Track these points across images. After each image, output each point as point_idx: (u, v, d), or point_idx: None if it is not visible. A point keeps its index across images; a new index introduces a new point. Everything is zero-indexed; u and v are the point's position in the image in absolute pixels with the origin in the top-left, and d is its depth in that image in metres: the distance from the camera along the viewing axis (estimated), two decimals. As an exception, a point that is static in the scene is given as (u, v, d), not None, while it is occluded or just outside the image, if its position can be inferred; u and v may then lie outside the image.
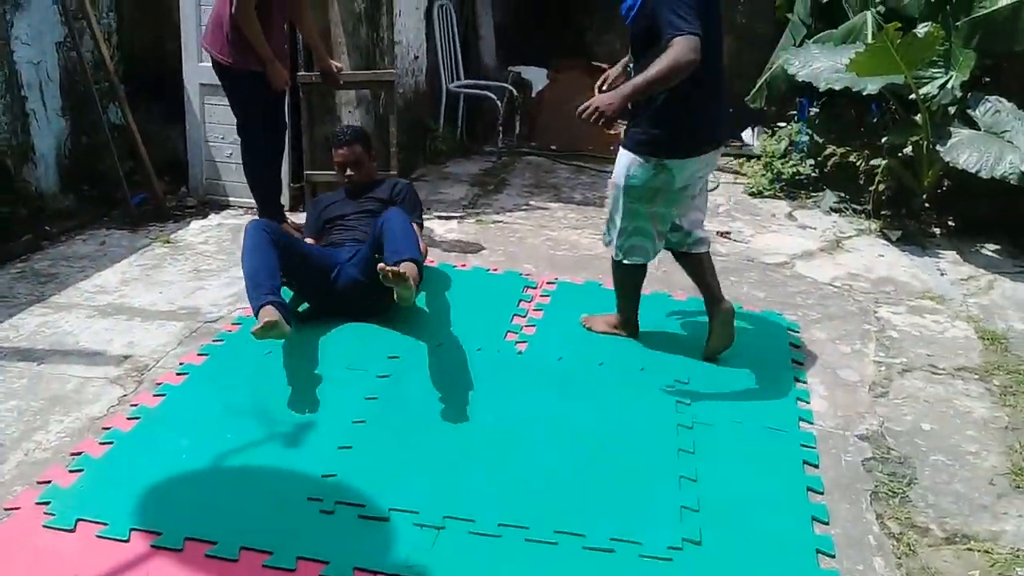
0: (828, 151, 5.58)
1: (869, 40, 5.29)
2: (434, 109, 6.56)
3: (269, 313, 3.04)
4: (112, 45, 5.42)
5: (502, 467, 2.73)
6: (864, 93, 5.11)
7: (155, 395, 3.09)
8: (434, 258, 4.47)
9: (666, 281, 4.27)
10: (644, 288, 3.89)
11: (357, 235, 3.86)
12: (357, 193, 4.15)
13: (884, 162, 5.20)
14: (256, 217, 4.38)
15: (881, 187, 5.23)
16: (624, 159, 3.22)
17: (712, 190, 5.96)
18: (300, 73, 4.83)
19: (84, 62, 4.99)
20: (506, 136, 6.87)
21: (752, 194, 5.87)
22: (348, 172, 4.12)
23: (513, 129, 6.93)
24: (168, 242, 4.62)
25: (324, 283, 3.62)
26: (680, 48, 2.82)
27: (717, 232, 5.08)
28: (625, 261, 3.38)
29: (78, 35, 4.98)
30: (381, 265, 3.06)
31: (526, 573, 2.30)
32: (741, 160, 6.55)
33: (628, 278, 3.52)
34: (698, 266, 3.48)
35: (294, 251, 3.54)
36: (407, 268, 3.16)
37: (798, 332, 3.80)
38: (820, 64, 5.35)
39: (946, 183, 5.28)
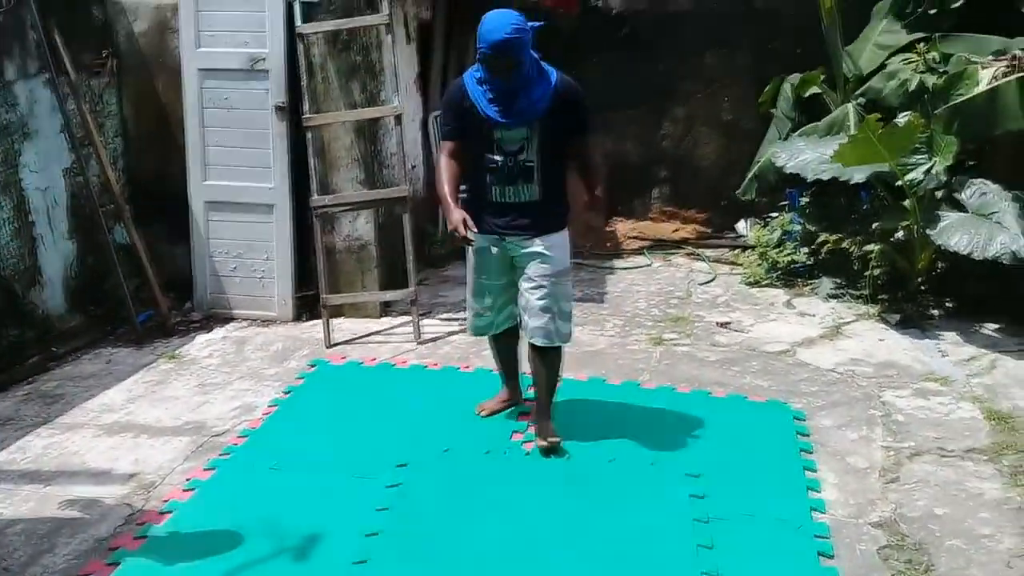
0: (821, 239, 5.65)
1: (852, 131, 5.44)
2: (432, 215, 6.69)
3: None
4: (118, 168, 5.55)
5: None
6: (851, 182, 5.23)
7: (161, 512, 3.07)
8: (438, 361, 4.50)
9: (668, 374, 4.28)
10: (648, 383, 3.89)
11: None
12: None
13: (877, 247, 5.28)
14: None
15: (876, 272, 5.28)
16: (563, 240, 3.42)
17: (709, 282, 6.03)
18: (313, 198, 4.96)
19: (90, 186, 5.12)
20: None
21: (749, 284, 5.92)
22: None
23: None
24: (173, 357, 4.65)
25: None
26: None
27: (717, 323, 5.12)
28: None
29: (84, 161, 5.12)
30: None
31: None
32: (736, 251, 6.64)
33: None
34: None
35: None
36: None
37: (804, 420, 3.79)
38: (807, 156, 5.47)
39: (940, 265, 5.34)
